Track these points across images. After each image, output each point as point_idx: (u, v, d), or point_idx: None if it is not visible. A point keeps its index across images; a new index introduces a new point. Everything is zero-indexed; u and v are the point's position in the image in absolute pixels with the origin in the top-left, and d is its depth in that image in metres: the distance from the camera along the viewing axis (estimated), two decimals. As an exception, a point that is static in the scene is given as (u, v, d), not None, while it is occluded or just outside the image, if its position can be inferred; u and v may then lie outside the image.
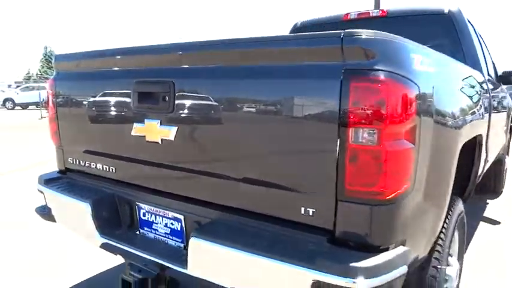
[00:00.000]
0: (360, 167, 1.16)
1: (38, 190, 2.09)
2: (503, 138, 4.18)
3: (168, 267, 1.56)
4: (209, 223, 1.48)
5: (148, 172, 1.71)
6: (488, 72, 3.44)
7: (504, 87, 4.95)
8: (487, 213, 4.24)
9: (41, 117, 17.12)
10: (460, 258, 2.26)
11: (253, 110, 1.34)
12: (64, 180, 2.10)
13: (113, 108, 1.79)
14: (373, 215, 1.18)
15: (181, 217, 1.61)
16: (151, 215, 1.74)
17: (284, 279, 1.21)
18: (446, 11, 2.94)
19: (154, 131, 1.59)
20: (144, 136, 1.64)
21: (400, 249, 1.22)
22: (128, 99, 1.69)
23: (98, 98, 1.85)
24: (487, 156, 2.88)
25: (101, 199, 1.80)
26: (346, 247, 1.21)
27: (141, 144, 1.65)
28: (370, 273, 1.13)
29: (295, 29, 3.72)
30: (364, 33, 1.15)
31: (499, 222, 3.97)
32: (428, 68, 1.38)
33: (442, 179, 1.54)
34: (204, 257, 1.39)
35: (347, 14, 3.40)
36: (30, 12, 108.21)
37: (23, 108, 24.99)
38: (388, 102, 1.13)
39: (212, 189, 1.50)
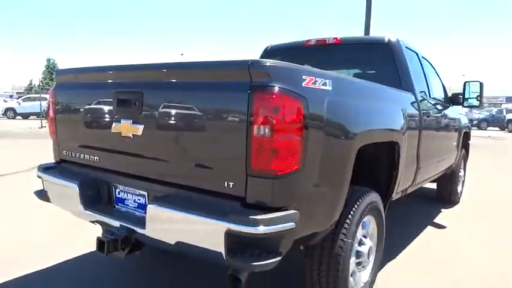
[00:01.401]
0: (261, 152, 1.69)
1: (37, 176, 2.62)
2: (451, 153, 4.71)
3: (134, 231, 2.07)
4: (163, 196, 2.01)
5: (122, 160, 2.23)
6: (429, 94, 4.00)
7: (461, 108, 5.51)
8: (438, 219, 4.73)
9: (41, 127, 17.70)
10: (380, 240, 2.75)
11: (191, 113, 1.88)
12: (59, 168, 2.63)
13: (98, 112, 2.33)
14: (270, 186, 1.71)
15: (145, 193, 2.14)
16: (124, 193, 2.27)
17: (210, 230, 1.72)
18: (386, 40, 3.50)
19: (127, 128, 2.13)
20: (120, 132, 2.17)
21: (290, 211, 1.73)
22: (110, 105, 2.23)
23: (86, 104, 2.40)
24: (418, 164, 3.39)
25: (86, 181, 2.32)
26: (253, 208, 1.72)
27: (118, 139, 2.18)
28: (266, 224, 1.65)
29: (266, 51, 4.30)
30: (264, 61, 1.70)
31: (444, 227, 4.47)
32: (322, 87, 1.92)
33: (335, 170, 2.05)
34: (156, 219, 1.91)
35: (308, 41, 3.98)
36: (33, 24, 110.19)
37: (24, 118, 25.58)
38: (279, 108, 1.67)
39: (165, 171, 2.03)
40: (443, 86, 4.79)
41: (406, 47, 3.68)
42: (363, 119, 2.25)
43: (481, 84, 4.51)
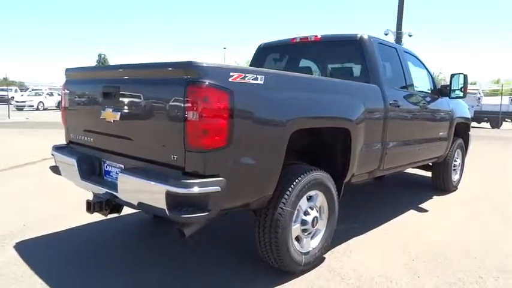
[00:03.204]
0: (193, 132, 2.20)
1: (51, 154, 3.29)
2: (437, 142, 4.94)
3: (114, 196, 2.65)
4: (130, 167, 2.57)
5: (108, 140, 2.82)
6: (407, 87, 4.30)
7: (460, 100, 5.66)
8: (424, 205, 4.99)
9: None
10: (332, 213, 3.16)
11: (148, 102, 2.43)
12: (67, 148, 3.28)
13: (92, 102, 2.95)
14: (202, 158, 2.22)
15: (122, 166, 2.72)
16: (110, 167, 2.86)
17: (156, 192, 2.25)
18: (358, 37, 3.85)
19: (110, 115, 2.71)
20: (105, 118, 2.76)
21: (216, 179, 2.23)
22: (99, 96, 2.82)
23: (84, 96, 3.02)
24: (384, 150, 3.73)
25: (82, 158, 2.95)
26: (190, 175, 2.24)
27: (104, 123, 2.77)
28: (197, 186, 2.16)
29: (259, 48, 4.77)
30: (196, 62, 2.20)
31: (426, 211, 4.75)
32: (252, 81, 2.38)
33: (265, 149, 2.49)
34: (123, 184, 2.48)
35: (294, 38, 4.40)
36: (86, 20, 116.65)
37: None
38: (207, 98, 2.17)
39: (133, 149, 2.60)
40: (431, 78, 5.02)
41: (380, 44, 4.01)
42: (296, 107, 2.68)
43: (465, 76, 4.71)
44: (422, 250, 3.48)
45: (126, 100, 2.60)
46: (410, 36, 16.72)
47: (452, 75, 4.83)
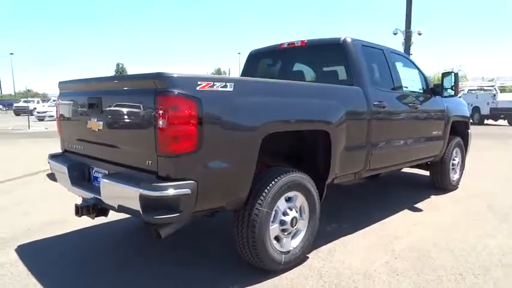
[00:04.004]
0: (164, 139, 2.35)
1: (48, 162, 3.50)
2: (430, 141, 4.95)
3: (100, 200, 2.82)
4: (111, 172, 2.74)
5: (95, 148, 3.01)
6: (395, 87, 4.35)
7: (459, 99, 5.65)
8: (419, 204, 5.01)
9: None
10: (313, 214, 3.25)
11: (125, 111, 2.60)
12: (61, 156, 3.49)
13: (80, 112, 3.14)
14: (172, 163, 2.37)
15: (107, 172, 2.89)
16: (97, 173, 3.04)
17: (131, 194, 2.40)
18: (341, 41, 3.94)
19: (94, 124, 2.90)
20: (91, 127, 2.94)
21: (187, 182, 2.37)
22: (86, 107, 3.01)
23: (74, 107, 3.22)
24: (369, 151, 3.80)
25: (72, 165, 3.15)
26: (163, 179, 2.39)
27: (91, 132, 2.96)
28: (167, 189, 2.31)
29: (250, 54, 4.91)
30: (164, 73, 2.35)
31: (421, 210, 4.76)
32: (221, 89, 2.52)
33: (236, 153, 2.61)
34: (105, 187, 2.64)
35: (281, 44, 4.52)
36: (104, 31, 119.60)
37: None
38: (174, 106, 2.31)
39: (115, 155, 2.77)
40: (424, 78, 5.04)
41: (365, 46, 4.08)
42: (267, 112, 2.79)
43: (455, 75, 4.73)
44: (408, 249, 3.53)
45: (107, 110, 2.77)
46: (419, 34, 16.56)
47: (443, 74, 4.85)
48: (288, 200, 3.07)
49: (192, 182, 2.39)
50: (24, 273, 3.05)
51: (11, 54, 66.99)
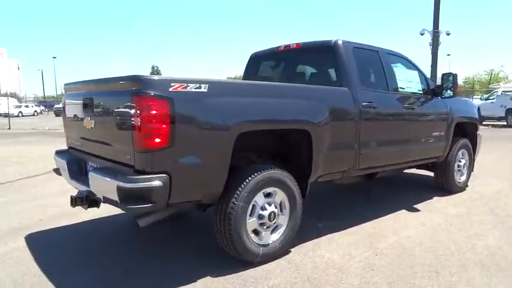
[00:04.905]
0: (139, 135, 2.57)
1: (54, 157, 3.83)
2: (430, 143, 4.94)
3: (93, 192, 3.09)
4: (98, 166, 3.00)
5: (89, 144, 3.29)
6: (389, 89, 4.39)
7: (469, 100, 5.59)
8: (418, 205, 4.99)
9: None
10: (293, 209, 3.38)
11: (108, 111, 2.85)
12: (65, 153, 3.81)
13: (78, 111, 3.43)
14: (146, 157, 2.59)
15: (98, 166, 3.15)
16: (91, 167, 3.32)
17: (111, 186, 2.64)
18: (332, 43, 4.04)
19: (88, 123, 3.18)
20: (86, 125, 3.22)
21: (160, 175, 2.58)
22: (82, 107, 3.30)
23: (74, 106, 3.52)
24: (358, 150, 3.87)
25: (71, 160, 3.45)
26: (139, 173, 2.61)
27: (86, 130, 3.24)
28: (140, 181, 2.53)
29: (251, 57, 5.08)
30: (139, 76, 2.57)
31: (418, 210, 4.76)
32: (195, 90, 2.71)
33: (209, 150, 2.78)
34: (92, 180, 2.90)
35: (278, 47, 4.67)
36: (141, 35, 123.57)
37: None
38: (148, 106, 2.53)
39: (103, 151, 3.03)
40: (424, 79, 5.02)
41: (357, 48, 4.15)
42: (241, 112, 2.95)
43: (454, 75, 4.70)
44: (391, 247, 3.58)
45: (97, 110, 3.04)
46: (448, 34, 16.12)
47: (443, 75, 4.83)
48: (268, 195, 3.22)
49: (164, 175, 2.60)
50: (28, 258, 3.37)
51: (53, 58, 70.60)
